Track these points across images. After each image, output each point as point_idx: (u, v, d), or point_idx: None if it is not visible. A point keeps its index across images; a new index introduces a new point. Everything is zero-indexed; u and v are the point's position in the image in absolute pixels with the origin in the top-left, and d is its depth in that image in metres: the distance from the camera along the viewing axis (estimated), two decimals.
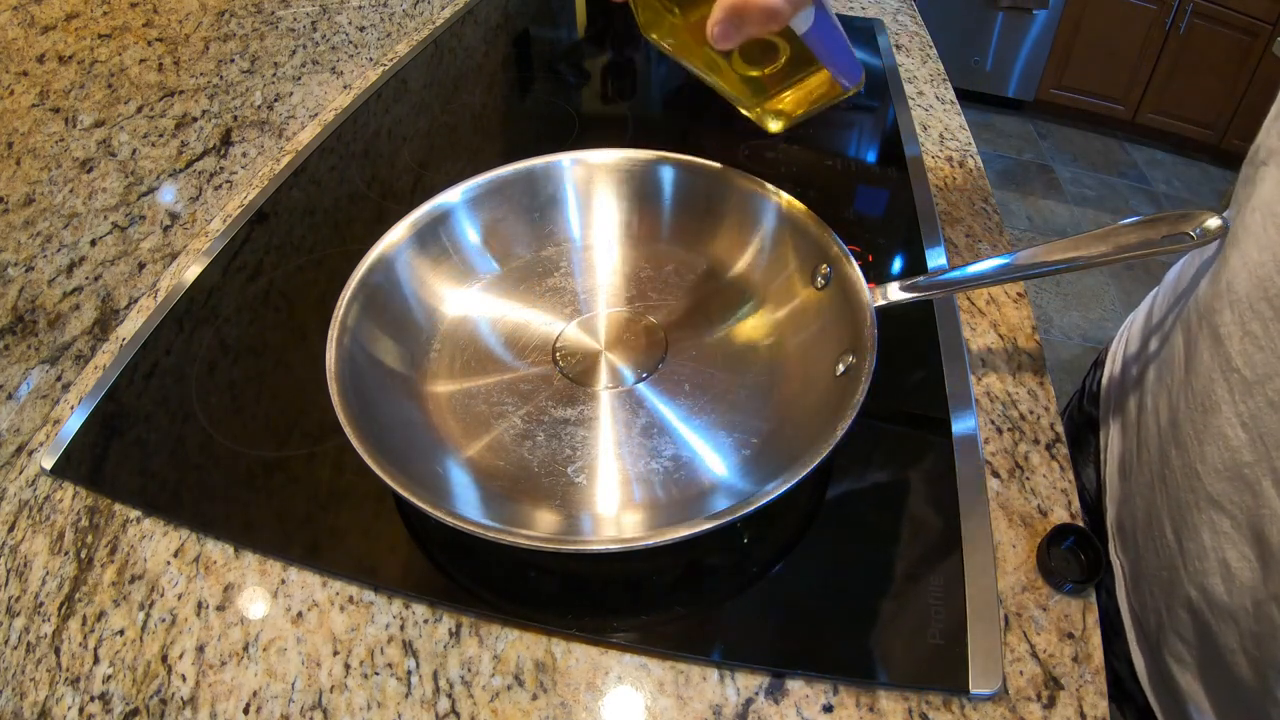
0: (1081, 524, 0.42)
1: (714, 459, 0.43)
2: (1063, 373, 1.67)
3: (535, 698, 0.36)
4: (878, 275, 0.58)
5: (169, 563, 0.41)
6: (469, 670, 0.37)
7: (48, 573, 0.41)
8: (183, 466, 0.45)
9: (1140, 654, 0.43)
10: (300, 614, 0.39)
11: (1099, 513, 0.49)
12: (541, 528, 0.40)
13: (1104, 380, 0.53)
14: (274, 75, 0.70)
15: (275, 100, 0.71)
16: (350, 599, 0.39)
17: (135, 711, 0.36)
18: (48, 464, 0.45)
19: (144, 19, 0.55)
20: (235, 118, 0.66)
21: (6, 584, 0.41)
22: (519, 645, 0.38)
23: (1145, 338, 0.47)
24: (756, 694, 0.36)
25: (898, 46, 0.91)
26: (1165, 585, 0.39)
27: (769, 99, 0.42)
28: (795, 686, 0.36)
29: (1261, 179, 0.35)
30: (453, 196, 0.52)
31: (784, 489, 0.35)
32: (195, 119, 0.61)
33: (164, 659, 0.37)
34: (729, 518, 0.34)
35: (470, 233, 0.53)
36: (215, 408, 0.48)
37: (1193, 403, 0.37)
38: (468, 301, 0.53)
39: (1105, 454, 0.50)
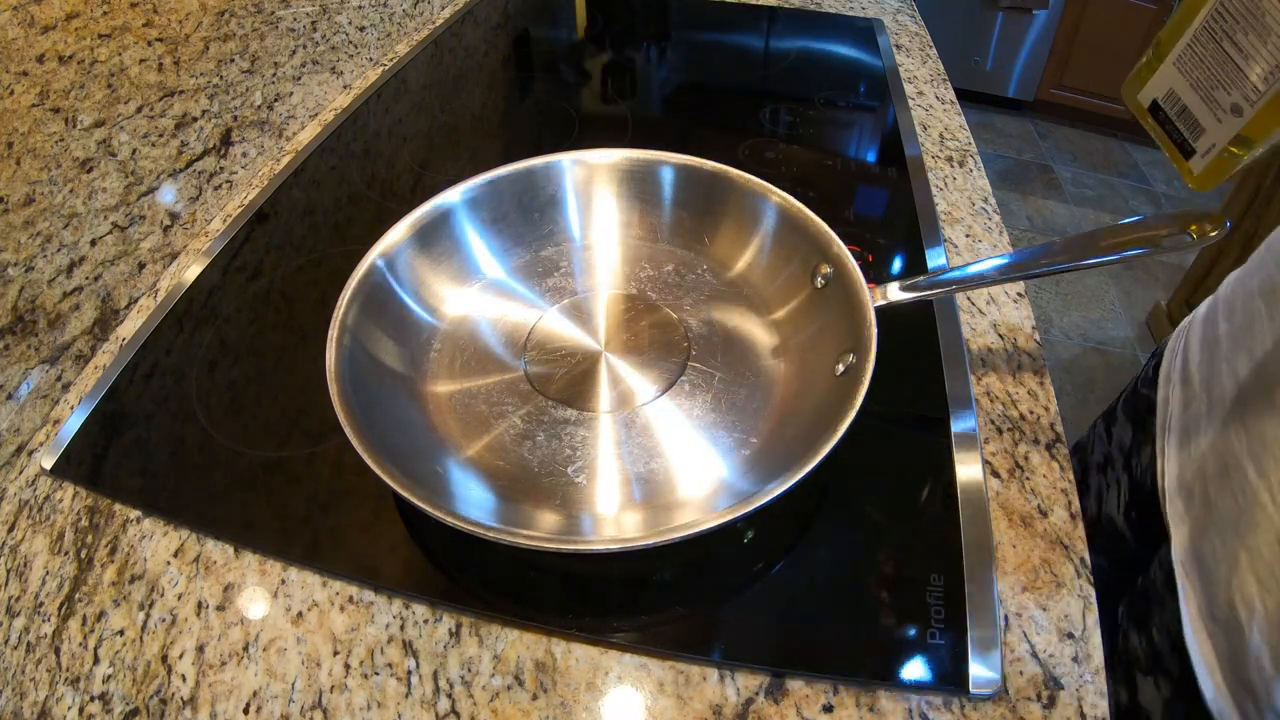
0: (1082, 522, 0.42)
1: (714, 459, 0.43)
2: (1063, 373, 1.67)
3: (535, 698, 0.36)
4: (878, 275, 0.58)
5: (169, 563, 0.41)
6: (469, 670, 0.37)
7: (48, 573, 0.41)
8: (183, 466, 0.45)
9: (1196, 614, 0.43)
10: (300, 614, 0.39)
11: (1152, 488, 0.51)
12: (542, 528, 0.40)
13: (1164, 362, 0.55)
14: (274, 75, 0.70)
15: (275, 100, 0.71)
16: (350, 599, 0.39)
17: (135, 711, 0.36)
18: (48, 464, 0.45)
19: (144, 19, 0.55)
20: (235, 118, 0.66)
21: (6, 584, 0.41)
22: (519, 645, 0.38)
23: (1214, 316, 0.49)
24: (756, 694, 0.36)
25: (898, 46, 0.91)
26: (1244, 529, 0.40)
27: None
28: (795, 686, 0.36)
29: None
30: (453, 196, 0.52)
31: (784, 489, 0.35)
32: (195, 119, 0.61)
33: (164, 659, 0.37)
34: (729, 517, 0.34)
35: (470, 233, 0.53)
36: (215, 408, 0.48)
37: None
38: (468, 301, 0.53)
39: (1168, 426, 0.51)
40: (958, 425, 0.46)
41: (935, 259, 0.58)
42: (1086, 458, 0.63)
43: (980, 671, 0.35)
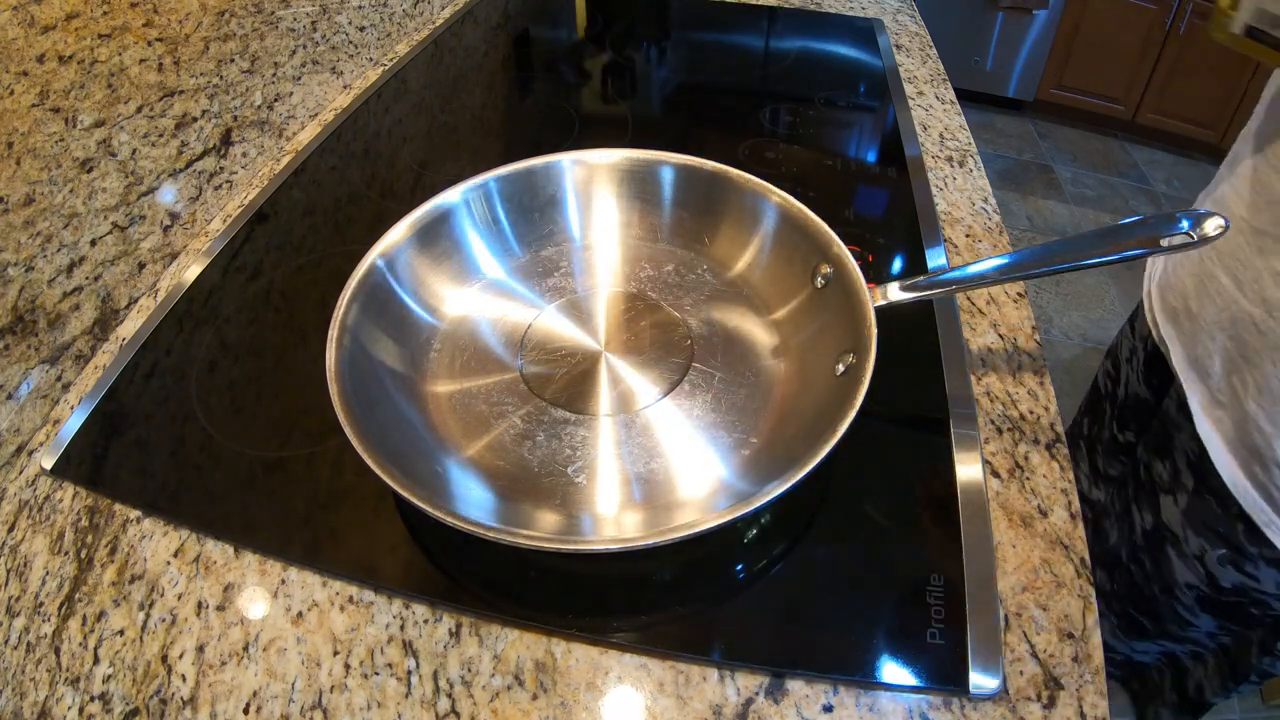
0: (1081, 521, 0.42)
1: (714, 459, 0.43)
2: (1063, 373, 1.67)
3: (535, 698, 0.36)
4: (878, 275, 0.58)
5: (169, 563, 0.41)
6: (469, 670, 0.37)
7: (48, 573, 0.41)
8: (183, 466, 0.45)
9: (1202, 408, 0.51)
10: (300, 614, 0.39)
11: (1157, 350, 0.60)
12: (542, 528, 0.40)
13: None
14: (274, 75, 0.70)
15: (275, 100, 0.71)
16: (350, 599, 0.39)
17: (135, 711, 0.36)
18: (48, 464, 0.45)
19: (144, 19, 0.55)
20: (235, 118, 0.66)
21: (6, 584, 0.41)
22: (519, 645, 0.38)
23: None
24: (756, 694, 0.36)
25: (898, 46, 0.91)
26: (1226, 324, 0.49)
27: None
28: (795, 686, 0.36)
29: None
30: (453, 196, 0.52)
31: (784, 489, 0.35)
32: (195, 119, 0.61)
33: (164, 659, 0.37)
34: (729, 517, 0.34)
35: (470, 233, 0.53)
36: (215, 408, 0.48)
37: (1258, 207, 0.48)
38: (468, 301, 0.53)
39: (1152, 275, 0.61)
40: (958, 425, 0.46)
41: (935, 259, 0.58)
42: (1118, 356, 0.73)
43: (980, 671, 0.35)
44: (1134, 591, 0.60)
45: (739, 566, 0.40)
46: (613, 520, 0.41)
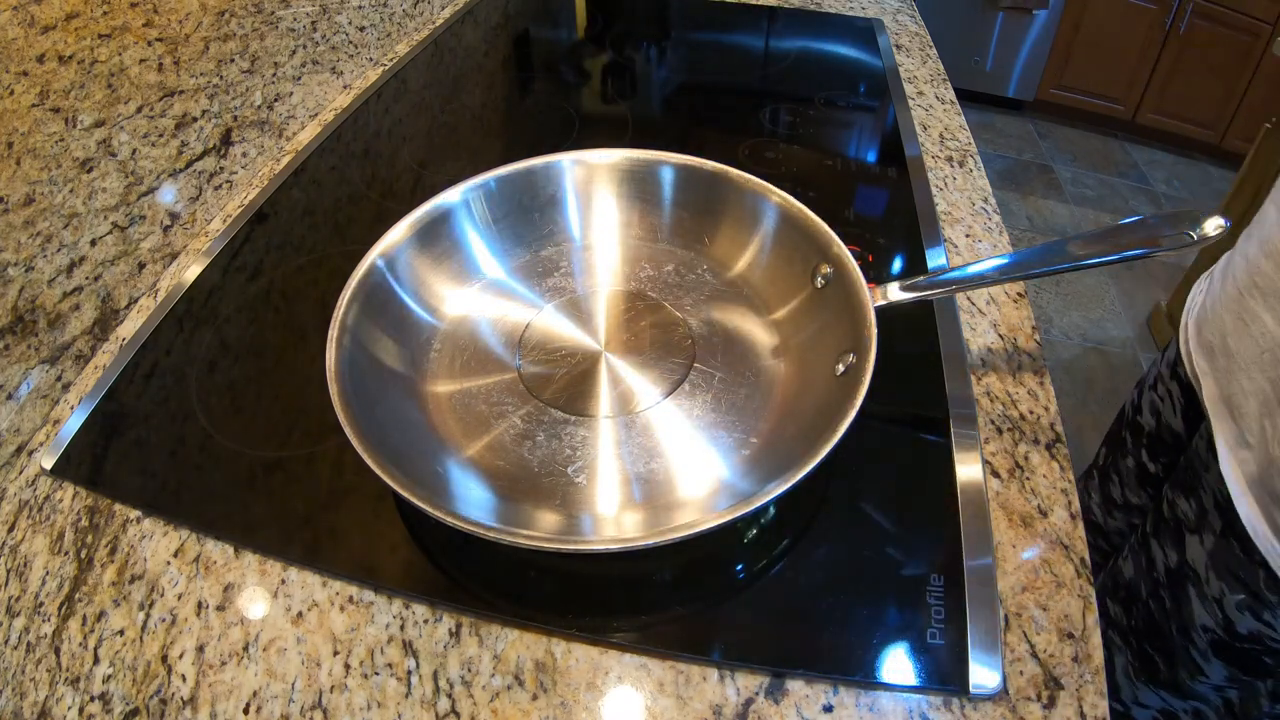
0: (1082, 521, 0.42)
1: (714, 459, 0.43)
2: (1063, 373, 1.67)
3: (535, 698, 0.36)
4: (878, 275, 0.58)
5: (169, 563, 0.41)
6: (469, 670, 0.37)
7: (48, 573, 0.41)
8: (183, 466, 0.45)
9: (1228, 447, 0.50)
10: (300, 614, 0.39)
11: (1187, 383, 0.59)
12: (542, 528, 0.40)
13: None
14: (274, 75, 0.70)
15: (275, 100, 0.71)
16: (350, 599, 0.39)
17: (135, 711, 0.36)
18: (48, 464, 0.45)
19: (144, 19, 0.55)
20: (235, 118, 0.66)
21: (6, 584, 0.41)
22: (519, 645, 0.38)
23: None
24: (756, 694, 0.36)
25: (898, 46, 0.91)
26: (1266, 365, 0.47)
27: None
28: (795, 686, 0.36)
29: None
30: (453, 196, 0.52)
31: (784, 489, 0.35)
32: (195, 119, 0.61)
33: (164, 659, 0.37)
34: (729, 517, 0.34)
35: (470, 233, 0.53)
36: (215, 408, 0.48)
37: None
38: (468, 301, 0.53)
39: (1190, 308, 0.59)
40: (958, 425, 0.46)
41: (935, 259, 0.58)
42: (1143, 384, 0.70)
43: (980, 671, 0.35)
44: (1151, 628, 0.59)
45: (739, 566, 0.40)
46: (613, 520, 0.41)
